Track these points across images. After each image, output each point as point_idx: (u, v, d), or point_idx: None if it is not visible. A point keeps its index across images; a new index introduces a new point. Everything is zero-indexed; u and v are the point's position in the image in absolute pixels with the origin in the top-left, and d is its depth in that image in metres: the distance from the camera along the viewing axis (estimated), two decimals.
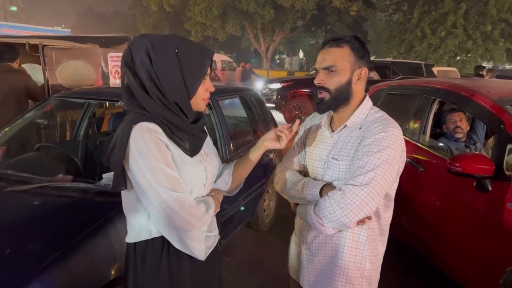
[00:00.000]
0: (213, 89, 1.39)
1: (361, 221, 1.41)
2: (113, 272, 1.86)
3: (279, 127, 1.49)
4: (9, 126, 3.04)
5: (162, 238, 1.32)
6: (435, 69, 13.29)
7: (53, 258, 1.68)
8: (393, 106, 3.72)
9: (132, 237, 1.37)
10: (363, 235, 1.48)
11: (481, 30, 19.41)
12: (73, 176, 2.50)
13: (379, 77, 10.15)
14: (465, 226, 2.54)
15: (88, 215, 2.03)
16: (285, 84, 11.17)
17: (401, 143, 1.42)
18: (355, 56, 1.45)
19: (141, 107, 1.29)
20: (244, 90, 4.27)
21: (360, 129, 1.47)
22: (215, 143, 1.64)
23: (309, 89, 10.55)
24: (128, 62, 1.29)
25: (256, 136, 3.85)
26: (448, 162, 2.46)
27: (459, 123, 3.28)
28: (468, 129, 3.35)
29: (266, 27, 25.43)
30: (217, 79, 16.31)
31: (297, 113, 10.57)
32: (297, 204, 1.58)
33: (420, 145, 3.18)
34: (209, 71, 1.35)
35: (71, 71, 4.65)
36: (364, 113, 1.50)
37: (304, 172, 1.64)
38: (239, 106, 4.00)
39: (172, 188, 1.23)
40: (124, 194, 1.36)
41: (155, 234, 1.33)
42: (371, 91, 4.26)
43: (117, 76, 3.76)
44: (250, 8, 22.66)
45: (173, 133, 1.30)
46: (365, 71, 1.47)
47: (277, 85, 11.12)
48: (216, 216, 1.47)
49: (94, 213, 2.04)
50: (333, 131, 1.55)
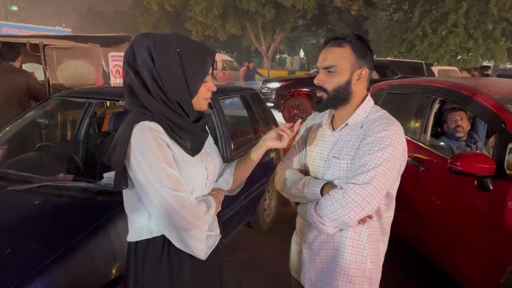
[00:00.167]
0: (215, 89, 1.39)
1: (362, 220, 1.41)
2: (113, 271, 1.86)
3: (280, 126, 1.48)
4: (10, 125, 3.05)
5: (163, 237, 1.32)
6: (436, 68, 13.29)
7: (54, 257, 1.68)
8: (394, 105, 3.72)
9: (133, 236, 1.37)
10: (364, 234, 1.48)
11: (482, 29, 19.40)
12: (73, 175, 2.50)
13: (378, 76, 10.15)
14: (466, 225, 2.53)
15: (88, 215, 2.03)
16: (284, 83, 11.13)
17: (402, 142, 1.42)
18: (356, 56, 1.43)
19: (143, 106, 1.29)
20: (244, 89, 4.27)
21: (361, 127, 1.46)
22: (216, 143, 1.64)
23: (308, 88, 10.54)
24: (130, 61, 1.29)
25: (257, 135, 3.85)
26: (449, 161, 2.45)
27: (460, 122, 3.28)
28: (469, 128, 3.35)
29: (266, 26, 25.45)
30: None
31: (296, 112, 10.55)
32: (297, 203, 1.57)
33: (421, 144, 3.18)
34: (211, 71, 1.35)
35: (72, 71, 4.65)
36: (365, 111, 1.49)
37: (305, 171, 1.64)
38: (239, 105, 4.00)
39: (173, 187, 1.23)
40: (125, 193, 1.36)
41: (156, 233, 1.33)
42: (372, 90, 4.26)
43: (117, 75, 3.76)
44: (250, 7, 22.67)
45: (174, 132, 1.30)
46: (365, 71, 1.46)
47: (275, 84, 11.09)
48: (217, 215, 1.47)
49: (94, 212, 2.04)
50: (334, 129, 1.54)
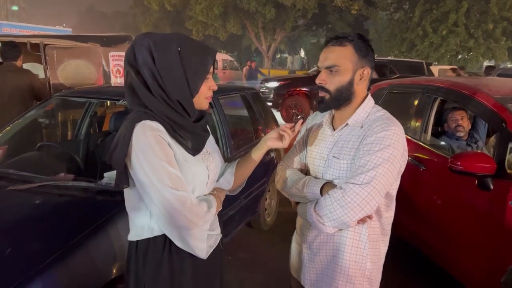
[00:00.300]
0: (216, 88, 1.39)
1: (362, 220, 1.41)
2: (114, 271, 1.86)
3: (281, 126, 1.48)
4: (10, 125, 3.05)
5: (164, 236, 1.32)
6: (436, 68, 13.27)
7: (54, 257, 1.68)
8: (394, 104, 3.72)
9: (134, 235, 1.37)
10: (364, 234, 1.47)
11: (482, 28, 19.39)
12: (74, 175, 2.50)
13: (377, 75, 10.15)
14: (466, 224, 2.53)
15: (89, 214, 2.03)
16: (282, 82, 11.12)
17: (402, 142, 1.41)
18: (358, 55, 1.43)
19: (144, 106, 1.29)
20: (245, 89, 4.27)
21: (361, 127, 1.46)
22: (216, 142, 1.64)
23: (306, 88, 10.54)
24: (131, 60, 1.29)
25: (257, 135, 3.85)
26: (449, 160, 2.45)
27: (461, 121, 3.28)
28: (469, 127, 3.34)
29: (267, 26, 25.44)
30: None
31: (294, 111, 10.56)
32: (297, 202, 1.57)
33: (421, 144, 3.18)
34: (212, 70, 1.35)
35: (73, 70, 4.66)
36: (366, 111, 1.49)
37: (305, 170, 1.64)
38: (240, 105, 4.00)
39: (174, 186, 1.23)
40: (126, 192, 1.36)
41: (157, 232, 1.33)
42: (373, 89, 4.26)
43: (118, 75, 3.76)
44: (251, 7, 22.66)
45: (176, 131, 1.30)
46: (367, 71, 1.46)
47: (274, 84, 11.08)
48: (217, 215, 1.47)
49: (95, 212, 2.05)
50: (334, 129, 1.54)
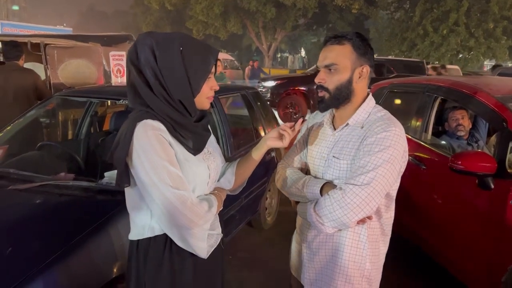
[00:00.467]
0: (217, 88, 1.39)
1: (361, 221, 1.40)
2: (114, 270, 1.87)
3: (281, 125, 1.48)
4: (11, 124, 3.05)
5: (164, 236, 1.32)
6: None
7: (55, 256, 1.68)
8: (395, 104, 3.72)
9: (135, 235, 1.37)
10: (364, 234, 1.47)
11: (483, 28, 19.37)
12: (75, 174, 2.50)
13: (374, 75, 10.13)
14: (467, 224, 2.53)
15: (89, 214, 2.03)
16: (279, 82, 11.14)
17: (403, 143, 1.41)
18: (356, 53, 1.43)
19: (146, 105, 1.29)
20: (245, 88, 4.27)
21: (362, 128, 1.45)
22: (216, 141, 1.64)
23: (303, 87, 10.56)
24: (133, 59, 1.29)
25: (257, 134, 3.85)
26: (450, 160, 2.45)
27: (461, 121, 3.27)
28: (470, 127, 3.34)
29: (267, 25, 25.42)
30: None
31: (291, 110, 10.58)
32: (297, 202, 1.57)
33: (422, 143, 3.18)
34: (213, 69, 1.35)
35: (73, 70, 4.66)
36: (366, 111, 1.48)
37: (306, 170, 1.63)
38: (241, 104, 4.00)
39: (174, 186, 1.23)
40: (127, 191, 1.36)
41: (158, 231, 1.33)
42: (373, 89, 4.26)
43: (118, 74, 3.76)
44: (251, 6, 22.65)
45: (177, 131, 1.30)
46: (366, 69, 1.46)
47: (271, 83, 11.09)
48: (218, 214, 1.47)
49: (95, 211, 2.05)
50: (335, 129, 1.54)
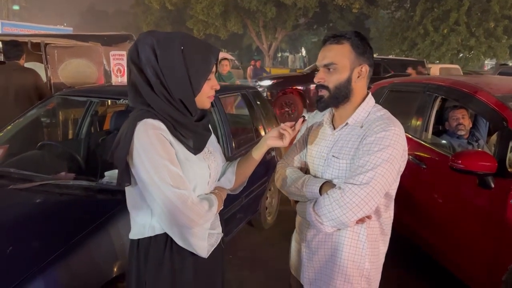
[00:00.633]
0: (218, 87, 1.39)
1: (360, 220, 1.40)
2: (115, 269, 1.87)
3: (281, 125, 1.48)
4: (11, 124, 3.05)
5: (165, 235, 1.33)
6: (437, 66, 13.26)
7: (55, 256, 1.68)
8: (395, 103, 3.71)
9: (135, 234, 1.37)
10: (363, 234, 1.47)
11: (484, 27, 19.36)
12: (75, 174, 2.51)
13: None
14: (468, 223, 2.53)
15: (90, 213, 2.04)
16: (276, 81, 11.19)
17: (402, 143, 1.41)
18: (355, 53, 1.43)
19: (146, 104, 1.29)
20: (246, 87, 4.26)
21: (361, 127, 1.45)
22: (217, 141, 1.64)
23: (298, 86, 10.62)
24: (134, 58, 1.29)
25: (258, 134, 3.85)
26: (450, 159, 2.45)
27: (462, 120, 3.27)
28: (470, 126, 3.34)
29: (268, 25, 25.40)
30: None
31: (287, 110, 10.61)
32: (297, 201, 1.57)
33: (422, 142, 3.17)
34: (214, 69, 1.35)
35: (73, 69, 4.66)
36: (366, 111, 1.48)
37: (305, 169, 1.63)
38: (241, 104, 4.00)
39: (175, 185, 1.23)
40: (128, 190, 1.36)
41: (158, 231, 1.33)
42: (374, 88, 4.25)
43: (119, 74, 3.76)
44: (252, 6, 22.63)
45: (177, 130, 1.30)
46: (365, 68, 1.45)
47: (267, 82, 11.12)
48: (219, 213, 1.47)
49: (96, 211, 2.05)
50: (334, 128, 1.54)
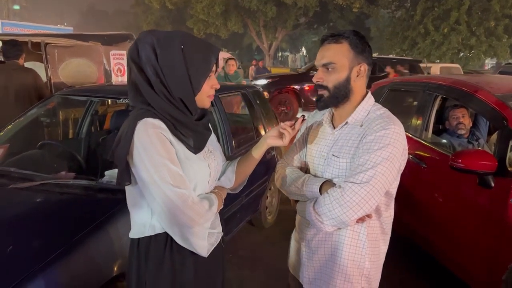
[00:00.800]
0: (218, 86, 1.39)
1: (361, 219, 1.40)
2: (115, 269, 1.87)
3: (281, 124, 1.48)
4: (12, 123, 3.06)
5: (165, 234, 1.33)
6: (438, 66, 13.24)
7: (55, 255, 1.68)
8: (395, 102, 3.72)
9: (135, 233, 1.37)
10: (363, 233, 1.47)
11: (484, 26, 19.33)
12: (75, 173, 2.51)
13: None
14: (468, 222, 2.53)
15: (90, 212, 2.04)
16: (271, 80, 11.24)
17: (402, 141, 1.40)
18: (354, 52, 1.42)
19: (147, 103, 1.29)
20: (246, 87, 4.27)
21: (361, 126, 1.45)
22: (217, 140, 1.64)
23: (295, 85, 10.68)
24: (134, 57, 1.29)
25: (258, 133, 3.85)
26: (450, 158, 2.45)
27: (462, 119, 3.27)
28: (470, 125, 3.34)
29: (268, 24, 25.38)
30: None
31: (283, 109, 10.66)
32: (297, 200, 1.57)
33: (422, 142, 3.17)
34: (214, 68, 1.35)
35: (74, 69, 4.66)
36: (365, 110, 1.48)
37: (305, 168, 1.63)
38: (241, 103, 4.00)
39: (175, 184, 1.23)
40: (128, 189, 1.36)
41: (159, 230, 1.33)
42: (373, 87, 4.25)
43: (119, 73, 3.77)
44: (252, 5, 22.60)
45: (177, 129, 1.30)
46: (364, 67, 1.45)
47: (263, 81, 11.14)
48: (219, 213, 1.47)
49: (96, 210, 2.05)
50: (334, 128, 1.54)
